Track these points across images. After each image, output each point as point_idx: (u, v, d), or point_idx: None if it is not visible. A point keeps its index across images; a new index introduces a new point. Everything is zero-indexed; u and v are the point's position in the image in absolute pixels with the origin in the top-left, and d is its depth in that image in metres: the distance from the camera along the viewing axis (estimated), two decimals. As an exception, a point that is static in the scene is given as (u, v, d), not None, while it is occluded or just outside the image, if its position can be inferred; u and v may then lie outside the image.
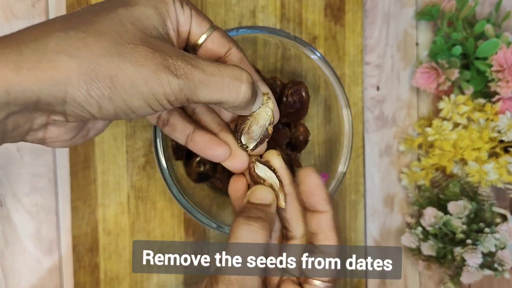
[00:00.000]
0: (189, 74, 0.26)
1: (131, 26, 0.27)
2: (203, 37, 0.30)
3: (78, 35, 0.25)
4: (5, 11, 0.44)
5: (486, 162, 0.48)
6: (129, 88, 0.25)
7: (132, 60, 0.25)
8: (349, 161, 0.44)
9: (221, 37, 0.31)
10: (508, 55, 0.47)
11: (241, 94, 0.28)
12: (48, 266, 0.46)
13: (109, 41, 0.25)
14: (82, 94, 0.25)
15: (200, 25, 0.30)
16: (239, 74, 0.28)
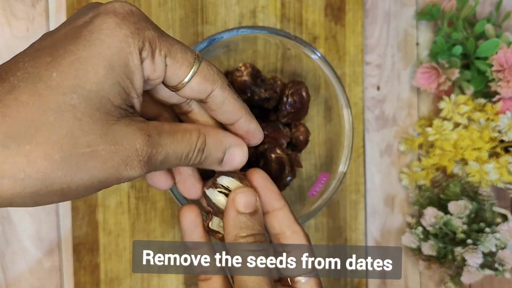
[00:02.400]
0: (152, 160, 0.25)
1: (89, 120, 0.22)
2: (179, 86, 0.26)
3: (21, 150, 0.21)
4: (5, 11, 0.44)
5: (486, 162, 0.48)
6: (83, 192, 0.23)
7: (88, 167, 0.22)
8: (349, 161, 0.44)
9: (201, 82, 0.27)
10: (508, 55, 0.47)
11: (190, 162, 0.28)
12: (49, 266, 0.46)
13: (60, 152, 0.22)
14: (28, 205, 0.23)
15: (177, 74, 0.26)
16: (193, 143, 0.27)
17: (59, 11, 0.45)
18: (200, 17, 0.47)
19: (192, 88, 0.27)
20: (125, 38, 0.23)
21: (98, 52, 0.23)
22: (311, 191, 0.46)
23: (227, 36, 0.40)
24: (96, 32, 0.23)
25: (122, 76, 0.23)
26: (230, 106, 0.28)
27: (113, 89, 0.23)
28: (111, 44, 0.23)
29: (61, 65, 0.22)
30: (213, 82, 0.27)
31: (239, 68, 0.43)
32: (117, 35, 0.23)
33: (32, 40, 0.45)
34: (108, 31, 0.23)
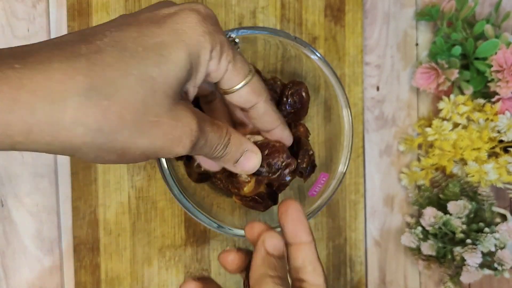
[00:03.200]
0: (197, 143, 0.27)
1: (162, 95, 0.25)
2: (231, 90, 0.30)
3: (100, 103, 0.23)
4: (5, 12, 0.45)
5: (485, 162, 0.48)
6: (138, 156, 0.25)
7: (151, 134, 0.25)
8: (349, 161, 0.44)
9: (250, 93, 0.30)
10: (507, 55, 0.47)
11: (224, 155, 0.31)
12: (49, 265, 0.46)
13: (132, 114, 0.24)
14: (87, 159, 0.25)
15: (232, 80, 0.29)
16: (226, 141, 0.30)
17: (60, 12, 0.45)
18: (200, 17, 0.47)
19: (241, 96, 0.30)
20: (204, 34, 0.26)
21: (181, 39, 0.26)
22: (311, 191, 0.47)
23: (227, 37, 0.40)
24: (180, 23, 0.26)
25: (193, 64, 0.26)
26: (269, 117, 0.32)
27: (185, 74, 0.26)
28: (192, 36, 0.26)
29: (147, 43, 0.25)
30: (259, 95, 0.31)
31: (239, 68, 0.43)
32: (198, 30, 0.26)
33: (33, 40, 0.45)
34: (192, 25, 0.26)
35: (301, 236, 0.31)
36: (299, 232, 0.31)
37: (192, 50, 0.26)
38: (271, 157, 0.32)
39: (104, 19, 0.45)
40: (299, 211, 0.32)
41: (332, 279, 0.52)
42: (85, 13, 0.45)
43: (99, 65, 0.23)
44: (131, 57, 0.24)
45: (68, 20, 0.45)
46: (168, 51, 0.25)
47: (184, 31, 0.26)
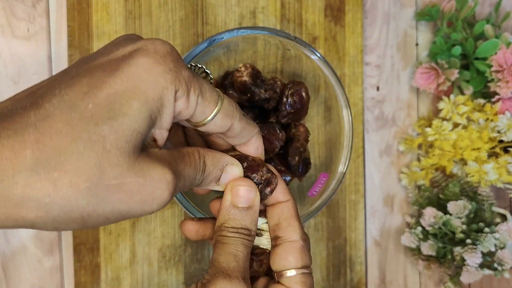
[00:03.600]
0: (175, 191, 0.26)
1: (117, 152, 0.23)
2: (205, 121, 0.28)
3: (49, 176, 0.22)
4: (5, 12, 0.45)
5: (485, 162, 0.48)
6: (103, 222, 0.24)
7: (113, 200, 0.23)
8: (349, 161, 0.44)
9: (223, 118, 0.28)
10: (507, 55, 0.47)
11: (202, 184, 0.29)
12: (49, 266, 0.46)
13: (86, 182, 0.22)
14: (48, 229, 0.23)
15: (204, 112, 0.27)
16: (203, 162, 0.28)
17: (60, 12, 0.45)
18: (200, 17, 0.47)
19: (216, 124, 0.28)
20: (163, 74, 0.24)
21: (134, 86, 0.24)
22: (311, 191, 0.47)
23: (227, 37, 0.40)
24: (134, 67, 0.24)
25: (154, 109, 0.24)
26: (246, 132, 0.30)
27: (144, 122, 0.24)
28: (148, 79, 0.24)
29: (97, 98, 0.23)
30: (233, 117, 0.29)
31: (239, 68, 0.43)
32: (155, 71, 0.24)
33: (33, 40, 0.45)
34: (147, 67, 0.24)
35: (277, 196, 0.31)
36: (275, 193, 0.31)
37: (149, 95, 0.24)
38: (250, 170, 0.31)
39: (104, 19, 0.45)
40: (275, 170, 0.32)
41: (332, 279, 0.52)
42: (85, 13, 0.45)
43: (47, 134, 0.22)
44: (80, 119, 0.22)
45: (68, 20, 0.45)
46: (120, 103, 0.23)
47: (138, 76, 0.24)
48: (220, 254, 0.29)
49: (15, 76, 0.45)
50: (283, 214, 0.31)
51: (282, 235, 0.31)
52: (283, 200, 0.31)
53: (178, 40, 0.47)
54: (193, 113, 0.27)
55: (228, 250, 0.29)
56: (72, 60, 0.45)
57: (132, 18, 0.46)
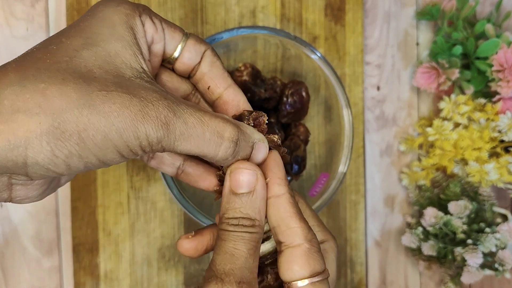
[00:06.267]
0: (170, 125, 0.23)
1: (99, 70, 0.23)
2: (178, 49, 0.28)
3: (36, 87, 0.21)
4: (4, 11, 0.44)
5: (486, 162, 0.48)
6: (101, 142, 0.22)
7: (105, 110, 0.22)
8: (349, 161, 0.44)
9: (195, 44, 0.28)
10: (508, 55, 0.47)
11: (220, 151, 0.25)
12: (48, 266, 0.46)
13: (75, 90, 0.21)
14: (46, 156, 0.21)
15: (174, 37, 0.28)
16: (221, 130, 0.24)
17: (59, 11, 0.45)
18: (200, 17, 0.47)
19: (190, 50, 0.28)
20: (122, 4, 0.26)
21: (99, 17, 0.25)
22: (311, 191, 0.46)
23: (227, 36, 0.40)
24: (94, 8, 0.26)
25: (125, 32, 0.25)
26: (219, 69, 0.29)
27: (119, 44, 0.24)
28: (109, 10, 0.25)
29: (69, 33, 0.24)
30: (205, 44, 0.29)
31: (239, 68, 0.43)
32: (113, 4, 0.26)
33: (32, 40, 0.45)
34: (105, 3, 0.26)
35: (270, 188, 0.27)
36: (271, 181, 0.27)
37: (117, 21, 0.25)
38: None
39: (103, 19, 0.45)
40: (274, 159, 0.27)
41: (333, 280, 0.51)
42: (84, 13, 0.45)
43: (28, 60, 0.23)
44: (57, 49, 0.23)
45: (67, 19, 0.45)
46: (91, 32, 0.24)
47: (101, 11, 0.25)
48: (217, 254, 0.25)
49: (14, 76, 0.45)
50: (279, 214, 0.26)
51: (283, 240, 0.26)
52: (278, 194, 0.26)
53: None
54: (164, 38, 0.27)
55: (225, 249, 0.25)
56: (71, 60, 0.45)
57: (131, 17, 0.46)
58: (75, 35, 0.24)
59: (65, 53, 0.23)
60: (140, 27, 0.26)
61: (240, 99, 0.30)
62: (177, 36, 0.28)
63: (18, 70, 0.22)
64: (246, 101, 0.30)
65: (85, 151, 0.22)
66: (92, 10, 0.26)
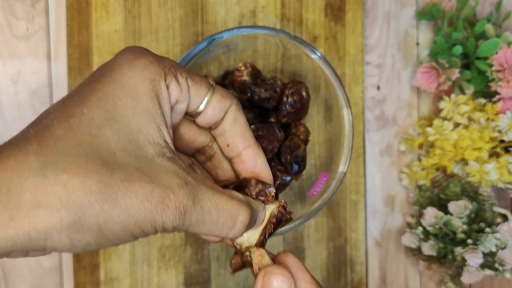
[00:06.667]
0: (187, 214, 0.23)
1: (122, 153, 0.22)
2: (202, 105, 0.27)
3: (58, 179, 0.20)
4: (4, 11, 0.44)
5: (486, 162, 0.48)
6: (119, 233, 0.22)
7: (125, 204, 0.21)
8: (349, 161, 0.44)
9: (220, 100, 0.27)
10: (508, 55, 0.47)
11: (231, 234, 0.25)
12: (48, 266, 0.46)
13: (98, 182, 0.21)
14: (64, 245, 0.21)
15: (198, 94, 0.26)
16: (236, 214, 0.25)
17: (59, 11, 0.45)
18: (200, 17, 0.47)
19: (214, 106, 0.27)
20: (146, 66, 0.24)
21: (122, 84, 0.23)
22: (311, 191, 0.46)
23: (227, 36, 0.40)
24: (117, 68, 0.24)
25: (150, 103, 0.23)
26: (241, 127, 0.28)
27: (143, 118, 0.23)
28: (133, 75, 0.24)
29: (91, 101, 0.23)
30: (230, 99, 0.28)
31: (239, 68, 0.43)
32: (137, 65, 0.24)
33: (32, 40, 0.45)
34: (128, 64, 0.24)
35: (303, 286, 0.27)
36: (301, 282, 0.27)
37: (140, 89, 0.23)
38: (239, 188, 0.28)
39: (104, 18, 0.45)
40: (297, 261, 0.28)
41: (333, 280, 0.51)
42: (84, 12, 0.45)
43: (49, 142, 0.21)
44: (79, 124, 0.22)
45: (68, 19, 0.45)
46: (113, 102, 0.23)
47: (123, 74, 0.23)
48: None
49: (14, 75, 0.45)
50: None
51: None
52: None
53: (178, 39, 0.46)
54: (189, 97, 0.26)
55: None
56: (71, 59, 0.45)
57: (131, 17, 0.45)
58: (97, 105, 0.23)
59: (87, 130, 0.22)
60: (165, 93, 0.24)
61: (258, 160, 0.29)
62: (202, 92, 0.27)
63: (40, 153, 0.21)
64: (264, 162, 0.29)
65: (103, 239, 0.22)
66: (114, 69, 0.24)
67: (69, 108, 0.23)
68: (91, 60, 0.45)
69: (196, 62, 0.42)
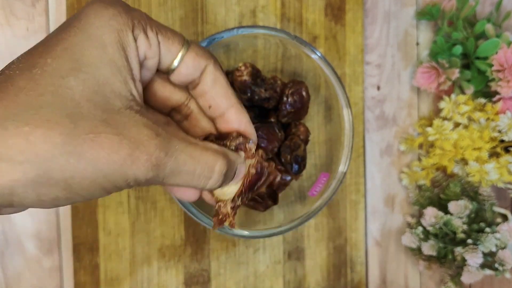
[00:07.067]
0: (161, 165, 0.22)
1: (88, 104, 0.21)
2: (175, 62, 0.26)
3: (19, 131, 0.19)
4: (5, 11, 0.44)
5: (486, 162, 0.48)
6: (88, 186, 0.21)
7: (92, 157, 0.21)
8: (349, 161, 0.44)
9: (195, 58, 0.26)
10: (508, 54, 0.47)
11: (208, 184, 0.25)
12: (49, 266, 0.46)
13: (61, 135, 0.20)
14: (31, 200, 0.21)
15: (170, 50, 0.25)
16: (212, 164, 0.25)
17: (59, 11, 0.45)
18: (200, 16, 0.47)
19: (187, 65, 0.26)
20: (114, 17, 0.23)
21: (88, 34, 0.22)
22: (311, 191, 0.46)
23: (227, 36, 0.40)
24: (84, 18, 0.23)
25: (116, 54, 0.23)
26: (222, 87, 0.27)
27: (109, 69, 0.22)
28: (100, 25, 0.23)
29: (55, 51, 0.22)
30: (207, 58, 0.27)
31: (239, 67, 0.43)
32: (105, 15, 0.23)
33: (32, 39, 0.45)
34: (96, 14, 0.23)
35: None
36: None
37: (106, 39, 0.23)
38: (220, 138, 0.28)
39: (104, 18, 0.45)
40: None
41: (333, 279, 0.51)
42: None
43: (10, 92, 0.20)
44: (42, 74, 0.21)
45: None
46: (80, 53, 0.22)
47: (90, 24, 0.23)
48: None
49: (14, 75, 0.45)
50: None
51: None
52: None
53: (178, 39, 0.46)
54: (159, 53, 0.25)
55: None
56: (71, 60, 0.45)
57: (131, 17, 0.46)
58: (62, 55, 0.22)
59: (50, 80, 0.21)
60: (133, 45, 0.24)
61: (243, 119, 0.29)
62: (175, 48, 0.26)
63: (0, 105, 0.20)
64: (249, 121, 0.29)
65: (72, 194, 0.21)
66: (81, 19, 0.23)
67: (32, 59, 0.22)
68: (91, 60, 0.45)
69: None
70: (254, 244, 0.49)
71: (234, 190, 0.28)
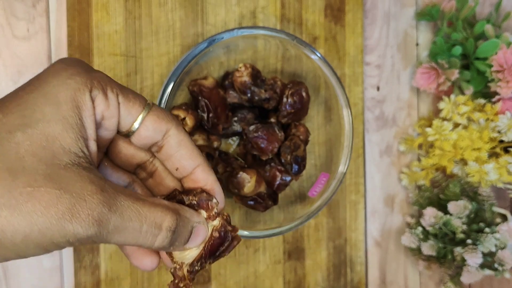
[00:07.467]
0: (104, 221, 0.22)
1: (32, 158, 0.21)
2: (135, 124, 0.25)
3: None
4: (5, 11, 0.44)
5: (486, 162, 0.48)
6: (21, 242, 0.21)
7: (27, 210, 0.20)
8: (349, 161, 0.44)
9: (156, 121, 0.26)
10: (508, 55, 0.47)
11: (156, 242, 0.24)
12: (49, 266, 0.46)
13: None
14: None
15: (130, 112, 0.25)
16: (160, 221, 0.24)
17: (60, 11, 0.45)
18: (200, 17, 0.47)
19: (148, 128, 0.26)
20: (72, 76, 0.23)
21: (44, 92, 0.23)
22: (311, 191, 0.46)
23: (227, 37, 0.40)
24: (43, 77, 0.23)
25: (70, 112, 0.23)
26: (188, 149, 0.27)
27: (60, 126, 0.22)
28: (57, 83, 0.23)
29: (8, 108, 0.22)
30: (168, 121, 0.26)
31: (239, 68, 0.43)
32: (63, 74, 0.23)
33: (32, 39, 0.45)
34: (55, 73, 0.23)
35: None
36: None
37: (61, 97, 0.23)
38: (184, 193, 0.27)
39: (104, 19, 0.45)
40: None
41: (333, 279, 0.52)
42: (85, 13, 0.45)
43: None
44: None
45: (68, 20, 0.45)
46: (32, 109, 0.22)
47: (47, 83, 0.23)
48: None
49: (15, 75, 0.45)
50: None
51: None
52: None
53: (178, 40, 0.46)
54: (118, 114, 0.25)
55: None
56: (72, 60, 0.45)
57: (132, 18, 0.46)
58: (14, 111, 0.22)
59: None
60: (89, 104, 0.23)
61: (209, 178, 0.28)
62: (135, 111, 0.25)
63: None
64: (215, 181, 0.28)
65: (2, 249, 0.21)
66: (40, 78, 0.23)
67: None
68: (91, 61, 0.45)
69: (196, 62, 0.43)
70: (254, 244, 0.49)
71: (195, 255, 0.27)
